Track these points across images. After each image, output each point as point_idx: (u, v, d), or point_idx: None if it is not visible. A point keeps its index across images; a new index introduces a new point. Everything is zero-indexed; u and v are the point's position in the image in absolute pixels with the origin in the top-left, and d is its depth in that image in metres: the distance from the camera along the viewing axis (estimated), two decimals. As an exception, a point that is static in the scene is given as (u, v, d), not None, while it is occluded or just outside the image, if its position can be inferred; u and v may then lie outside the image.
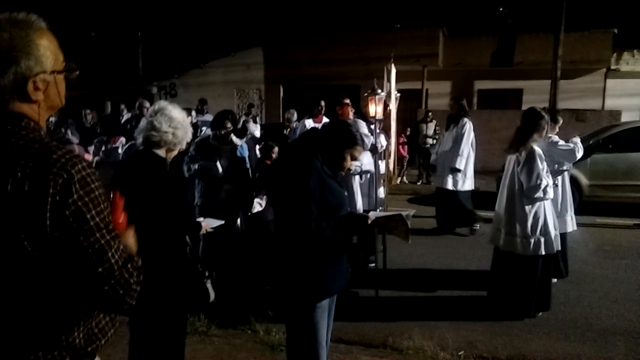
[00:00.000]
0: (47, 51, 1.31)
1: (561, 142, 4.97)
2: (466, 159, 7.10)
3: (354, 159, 2.55)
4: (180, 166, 2.86)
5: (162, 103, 2.63)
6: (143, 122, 2.56)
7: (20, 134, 1.26)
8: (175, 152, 2.67)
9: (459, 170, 7.07)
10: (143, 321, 2.54)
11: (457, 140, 7.10)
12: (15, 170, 1.20)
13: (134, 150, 4.95)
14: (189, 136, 2.66)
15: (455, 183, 7.14)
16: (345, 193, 2.58)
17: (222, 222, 3.22)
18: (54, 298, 1.28)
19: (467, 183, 7.21)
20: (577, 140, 5.06)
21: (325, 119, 9.03)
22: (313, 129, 2.89)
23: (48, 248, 1.24)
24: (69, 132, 7.79)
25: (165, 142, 2.55)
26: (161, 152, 2.58)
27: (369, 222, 2.49)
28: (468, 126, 7.11)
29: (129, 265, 1.32)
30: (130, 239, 1.48)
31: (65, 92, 1.42)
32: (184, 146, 2.69)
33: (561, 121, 5.24)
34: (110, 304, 1.31)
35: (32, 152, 1.22)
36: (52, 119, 8.15)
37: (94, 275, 1.26)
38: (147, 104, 6.54)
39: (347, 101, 5.50)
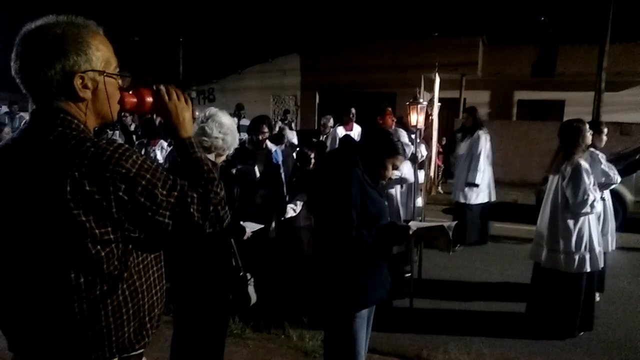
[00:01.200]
0: (97, 52, 1.32)
1: (604, 163, 4.78)
2: (483, 172, 6.92)
3: (395, 168, 2.53)
4: (229, 171, 2.89)
5: (213, 110, 2.68)
6: (194, 128, 2.61)
7: (72, 134, 1.28)
8: (223, 157, 2.71)
9: (477, 185, 6.89)
10: (187, 321, 2.57)
11: (473, 154, 6.92)
12: (72, 170, 1.21)
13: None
14: (236, 142, 2.70)
15: (466, 196, 6.97)
16: (385, 202, 2.56)
17: (262, 226, 3.24)
18: (109, 294, 1.30)
19: (480, 196, 7.02)
20: (615, 170, 4.86)
21: (356, 127, 9.02)
22: (347, 136, 2.88)
23: (115, 240, 1.29)
24: (116, 133, 7.99)
25: (215, 147, 2.59)
26: (211, 157, 2.62)
27: (411, 232, 2.45)
28: (483, 139, 6.93)
29: (211, 204, 1.39)
30: (187, 113, 1.51)
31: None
32: (231, 151, 2.73)
33: (606, 130, 5.03)
34: (219, 228, 1.44)
35: (84, 151, 1.24)
36: None
37: (194, 225, 1.36)
38: (197, 112, 6.71)
39: (389, 110, 5.45)
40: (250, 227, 3.09)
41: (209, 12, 21.25)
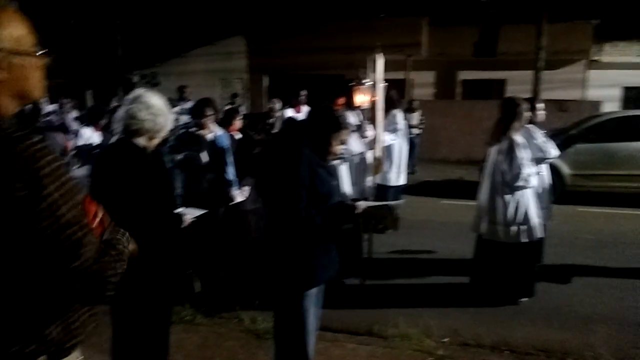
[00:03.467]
0: (4, 30, 1.23)
1: (539, 137, 4.94)
2: (399, 151, 6.66)
3: (341, 143, 2.53)
4: (162, 156, 2.78)
5: (140, 90, 2.57)
6: (121, 111, 2.50)
7: None
8: (157, 140, 2.60)
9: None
10: (125, 313, 2.48)
11: (389, 133, 6.39)
12: None
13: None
14: (170, 123, 2.59)
15: (390, 178, 6.54)
16: (335, 182, 2.56)
17: (205, 211, 3.16)
18: (25, 292, 1.23)
19: (401, 177, 6.75)
20: (552, 144, 4.99)
21: (305, 109, 8.97)
22: (290, 118, 2.87)
23: (17, 243, 1.19)
24: (69, 116, 7.65)
25: (145, 130, 2.48)
26: (142, 141, 2.51)
27: (358, 211, 2.47)
28: (400, 117, 6.71)
29: (105, 259, 1.27)
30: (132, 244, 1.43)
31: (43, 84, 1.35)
32: (165, 134, 2.63)
33: (541, 105, 5.21)
34: (87, 297, 1.28)
35: None
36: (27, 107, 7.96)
37: (68, 271, 1.21)
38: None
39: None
40: (191, 213, 3.01)
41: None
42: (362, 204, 2.54)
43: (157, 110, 2.49)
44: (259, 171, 4.42)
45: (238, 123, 6.44)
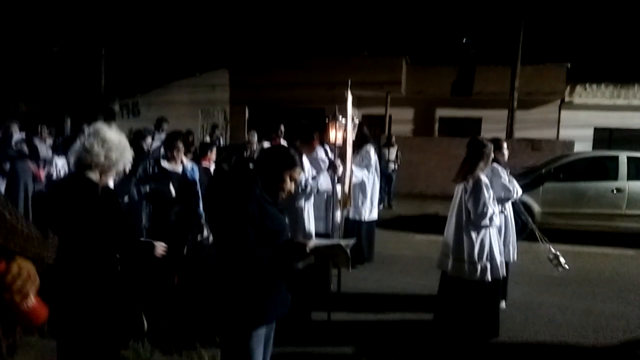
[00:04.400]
0: None
1: (504, 177, 5.06)
2: (371, 186, 6.74)
3: (293, 180, 2.57)
4: (113, 191, 2.77)
5: (98, 125, 2.59)
6: (76, 144, 2.52)
7: None
8: (111, 175, 2.62)
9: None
10: (71, 350, 2.45)
11: (360, 166, 6.52)
12: None
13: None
14: (126, 158, 2.61)
15: (360, 213, 6.68)
16: (286, 219, 2.59)
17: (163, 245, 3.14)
18: None
19: (373, 212, 6.84)
20: (516, 184, 5.11)
21: (283, 143, 9.07)
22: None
23: None
24: (44, 144, 7.62)
25: (97, 164, 2.49)
26: (94, 175, 2.52)
27: (308, 249, 2.50)
28: (372, 152, 6.81)
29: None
30: None
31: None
32: (120, 169, 2.64)
33: (505, 145, 5.32)
34: None
35: None
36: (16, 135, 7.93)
37: None
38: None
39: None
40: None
41: (134, 23, 20.71)
42: (312, 243, 2.57)
43: (111, 146, 2.50)
44: (211, 207, 4.42)
45: (213, 156, 6.51)
